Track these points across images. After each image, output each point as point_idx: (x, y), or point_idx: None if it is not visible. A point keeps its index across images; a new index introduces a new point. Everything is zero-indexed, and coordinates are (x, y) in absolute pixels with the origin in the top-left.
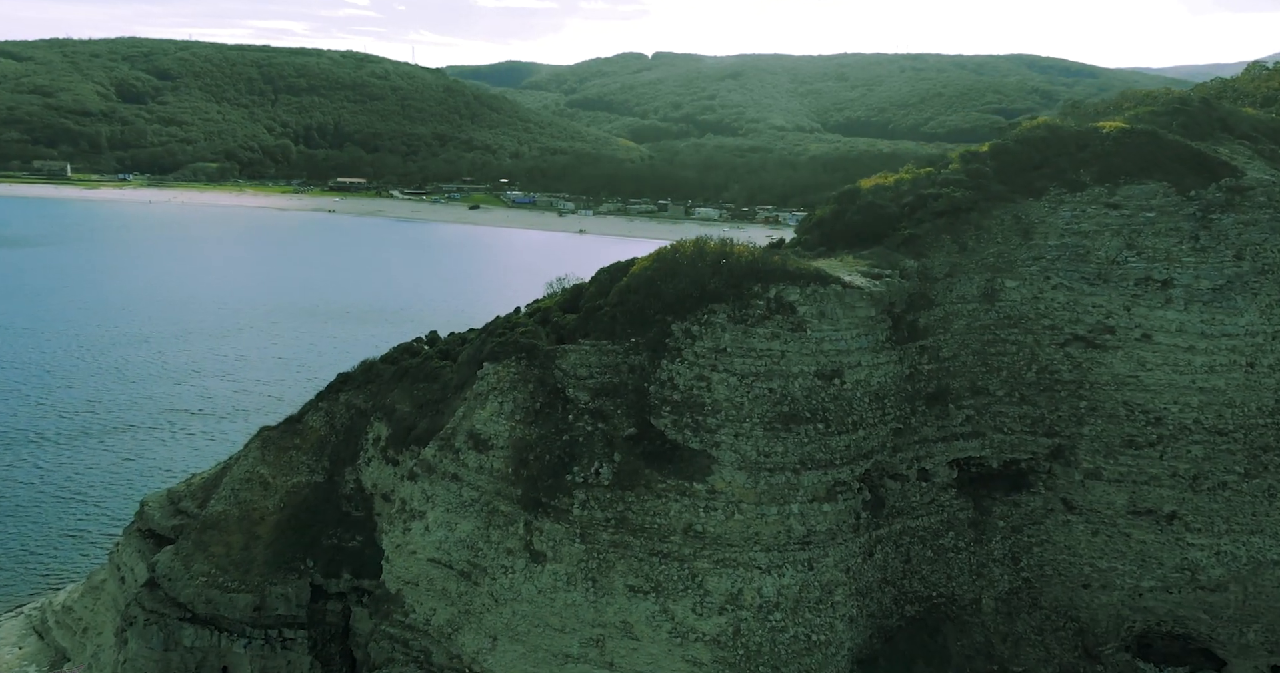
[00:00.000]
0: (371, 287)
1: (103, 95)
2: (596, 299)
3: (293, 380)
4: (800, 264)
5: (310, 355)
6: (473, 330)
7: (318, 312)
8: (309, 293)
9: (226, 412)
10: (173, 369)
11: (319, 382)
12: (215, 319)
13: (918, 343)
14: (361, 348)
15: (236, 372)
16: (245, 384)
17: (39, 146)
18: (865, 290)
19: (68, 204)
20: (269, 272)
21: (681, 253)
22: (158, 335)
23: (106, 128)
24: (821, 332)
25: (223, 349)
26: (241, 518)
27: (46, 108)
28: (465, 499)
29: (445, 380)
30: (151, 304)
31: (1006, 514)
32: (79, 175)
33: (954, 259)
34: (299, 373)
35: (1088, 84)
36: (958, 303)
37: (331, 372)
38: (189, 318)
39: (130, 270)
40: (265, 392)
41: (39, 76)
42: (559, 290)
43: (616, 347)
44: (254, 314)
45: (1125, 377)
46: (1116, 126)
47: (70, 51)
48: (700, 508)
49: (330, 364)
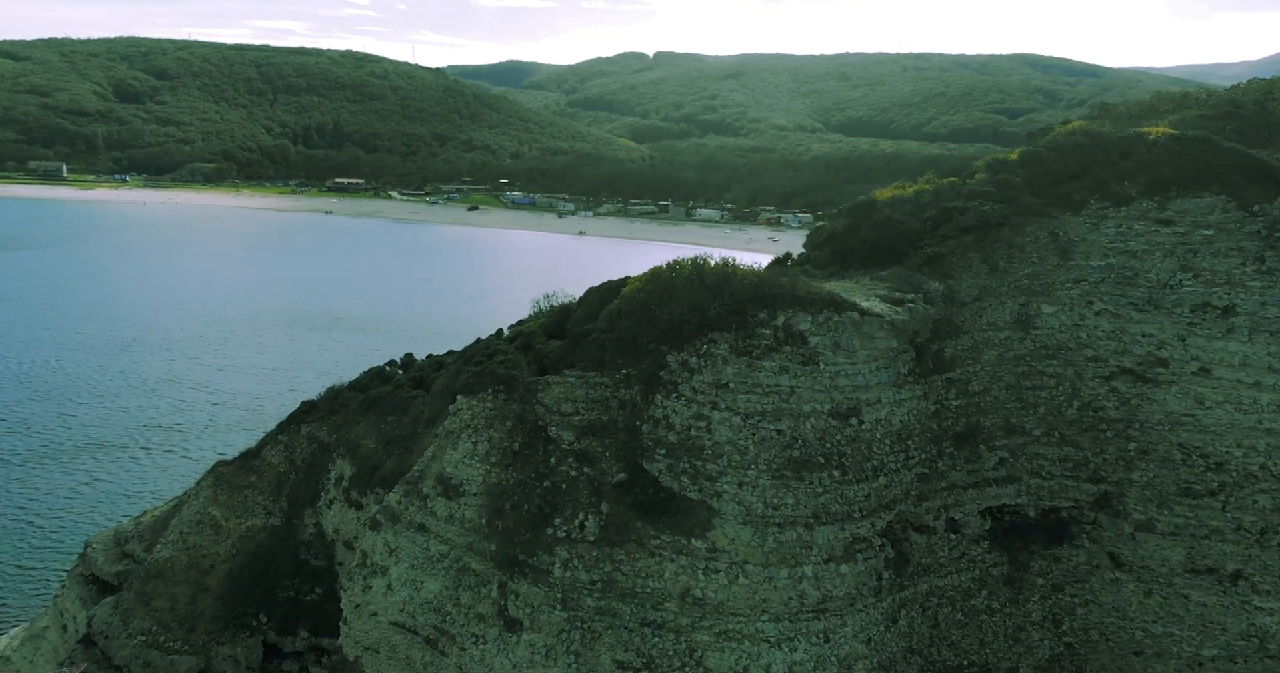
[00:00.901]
0: (364, 292)
1: (100, 95)
2: (584, 323)
3: (274, 393)
4: (811, 288)
5: (295, 365)
6: (452, 352)
7: (306, 319)
8: (299, 298)
9: (201, 427)
10: (150, 380)
11: (302, 394)
12: (199, 326)
13: (944, 376)
14: (349, 358)
15: (216, 383)
16: (224, 396)
17: (35, 147)
18: (885, 318)
19: (62, 205)
20: (259, 276)
21: (678, 273)
22: (138, 343)
23: (103, 128)
24: (836, 365)
25: (204, 358)
26: (189, 566)
27: (43, 108)
28: (433, 554)
29: (416, 413)
30: (135, 310)
31: (1046, 571)
32: (75, 176)
33: (983, 281)
34: (281, 384)
35: (1090, 84)
36: (988, 330)
37: (316, 384)
38: (172, 325)
39: (117, 274)
40: (245, 405)
41: (36, 76)
42: (546, 309)
43: (605, 379)
44: (239, 321)
45: (1181, 416)
46: (1164, 132)
47: (68, 51)
48: (699, 569)
49: (315, 376)
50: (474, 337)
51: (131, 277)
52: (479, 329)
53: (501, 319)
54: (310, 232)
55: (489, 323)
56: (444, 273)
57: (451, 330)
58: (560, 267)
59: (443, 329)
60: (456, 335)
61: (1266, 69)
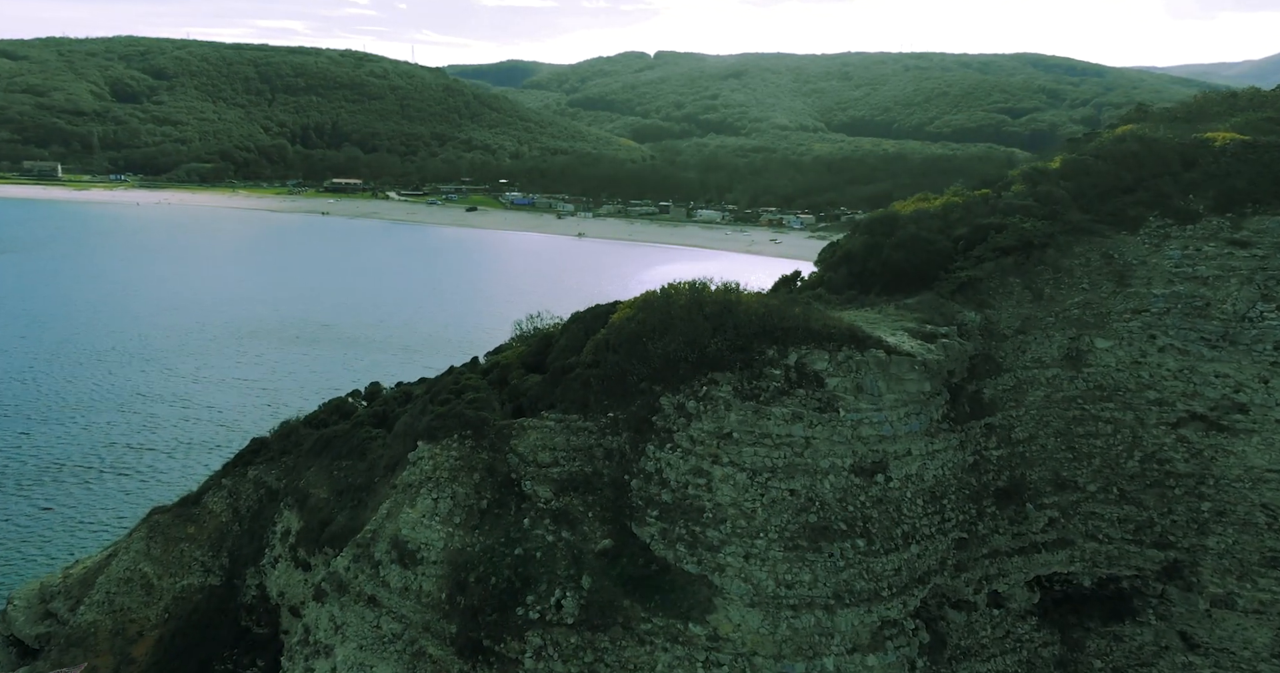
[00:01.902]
0: (354, 298)
1: (97, 95)
2: (567, 356)
3: (250, 406)
4: (828, 319)
5: (273, 377)
6: (424, 380)
7: (290, 327)
8: (285, 305)
9: (170, 446)
10: (122, 393)
11: (280, 409)
12: (179, 334)
13: (983, 421)
14: (334, 369)
15: (191, 396)
16: (197, 411)
17: (30, 147)
18: (917, 358)
19: (53, 206)
20: (247, 280)
21: (674, 301)
22: (114, 353)
23: (99, 128)
24: (859, 412)
25: (181, 368)
26: (115, 632)
27: (38, 107)
28: (384, 634)
29: (374, 458)
30: (114, 317)
31: (1104, 652)
32: (70, 176)
33: (1026, 310)
34: (259, 398)
35: (1094, 83)
36: (1033, 368)
37: (296, 397)
38: (151, 332)
39: (100, 279)
40: (218, 420)
41: (32, 75)
42: (528, 332)
43: (589, 424)
44: (221, 329)
45: (1264, 471)
46: (1232, 138)
47: (66, 50)
48: (699, 661)
49: (295, 389)
50: (461, 352)
51: (114, 281)
52: (467, 343)
53: (490, 329)
54: (304, 234)
55: (478, 335)
56: (437, 277)
57: (439, 341)
58: (558, 270)
59: (432, 338)
60: (443, 348)
61: (1270, 68)
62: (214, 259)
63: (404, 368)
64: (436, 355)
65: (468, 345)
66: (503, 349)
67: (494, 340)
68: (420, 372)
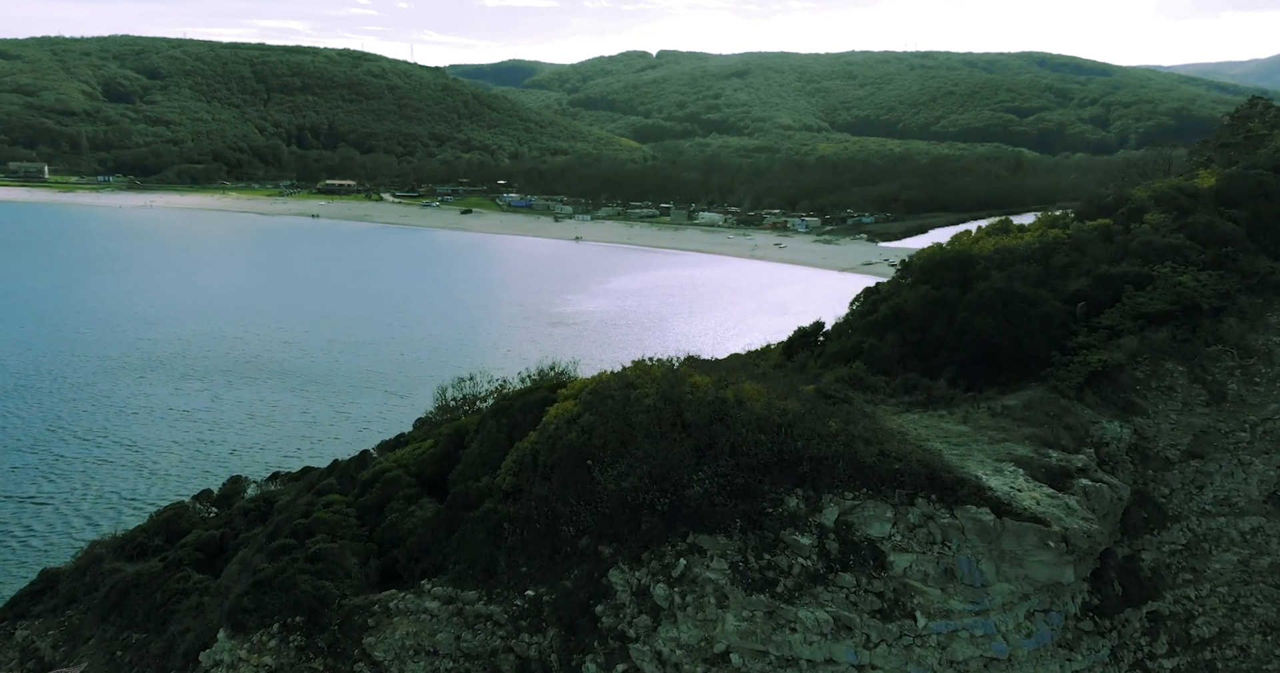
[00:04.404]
0: (332, 315)
1: (88, 94)
2: (478, 473)
3: (187, 441)
4: (884, 436)
5: (215, 406)
6: (310, 470)
7: (250, 346)
8: (256, 318)
9: (72, 496)
10: (35, 429)
11: (214, 448)
12: (119, 357)
13: (1144, 610)
14: (279, 392)
15: (112, 429)
16: (111, 450)
17: (17, 147)
18: (1053, 529)
19: (34, 209)
20: (214, 291)
21: (638, 396)
22: (45, 378)
23: (89, 128)
24: (951, 619)
25: (113, 397)
26: None
27: (27, 107)
28: None
29: (175, 634)
30: (55, 335)
31: None
32: (57, 177)
33: (1200, 419)
34: (188, 433)
35: (1101, 82)
36: (1219, 514)
37: (236, 432)
38: (89, 353)
39: (57, 292)
40: (131, 460)
41: (23, 75)
42: (443, 417)
43: (495, 609)
44: (170, 348)
45: None
46: None
47: (60, 50)
48: None
49: (240, 419)
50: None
51: (70, 294)
52: (425, 379)
53: (455, 365)
54: (292, 238)
55: (445, 371)
56: (423, 288)
57: (405, 371)
58: (550, 280)
59: (403, 364)
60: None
61: (1275, 67)
62: (182, 267)
63: (364, 400)
64: (393, 396)
65: (427, 380)
66: (407, 440)
67: (459, 373)
68: (382, 408)
